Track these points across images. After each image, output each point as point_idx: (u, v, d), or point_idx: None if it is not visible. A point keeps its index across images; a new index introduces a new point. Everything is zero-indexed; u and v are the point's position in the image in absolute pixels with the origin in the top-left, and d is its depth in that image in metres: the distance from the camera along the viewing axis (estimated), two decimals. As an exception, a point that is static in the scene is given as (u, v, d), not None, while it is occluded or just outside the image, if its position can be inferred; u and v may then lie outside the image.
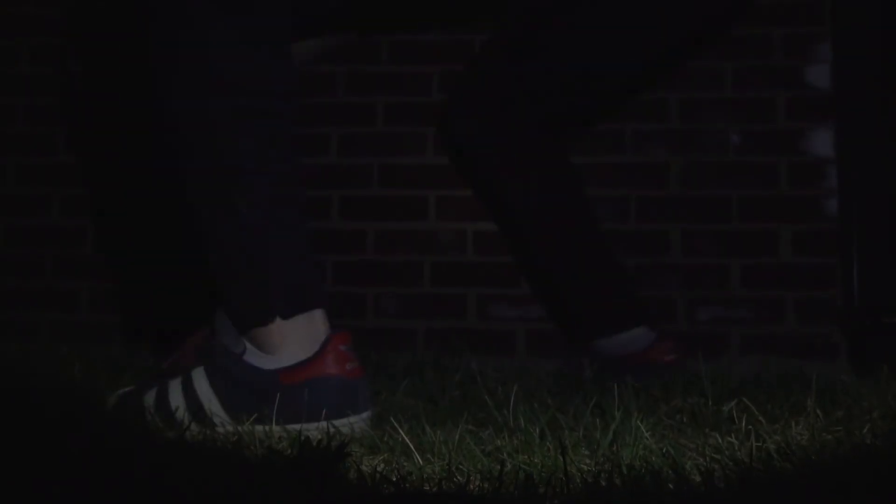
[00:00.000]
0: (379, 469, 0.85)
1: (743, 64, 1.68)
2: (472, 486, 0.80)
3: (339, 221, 1.74)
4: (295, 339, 1.04)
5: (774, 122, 1.67)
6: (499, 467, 0.82)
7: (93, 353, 1.47)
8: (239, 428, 1.01)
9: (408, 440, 0.91)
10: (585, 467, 0.85)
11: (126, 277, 1.77)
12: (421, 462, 0.86)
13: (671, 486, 0.77)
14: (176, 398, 1.05)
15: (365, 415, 1.05)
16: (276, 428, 1.01)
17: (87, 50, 1.81)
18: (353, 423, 1.03)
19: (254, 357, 1.05)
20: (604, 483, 0.77)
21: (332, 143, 1.75)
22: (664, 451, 0.87)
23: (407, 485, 0.80)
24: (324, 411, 1.02)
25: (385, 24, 1.44)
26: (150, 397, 1.07)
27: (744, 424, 0.95)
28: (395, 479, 0.81)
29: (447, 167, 1.71)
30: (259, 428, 1.01)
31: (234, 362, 1.05)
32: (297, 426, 1.01)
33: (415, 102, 1.74)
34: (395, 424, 0.97)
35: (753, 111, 1.68)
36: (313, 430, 1.00)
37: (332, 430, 1.00)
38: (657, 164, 1.69)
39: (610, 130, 1.69)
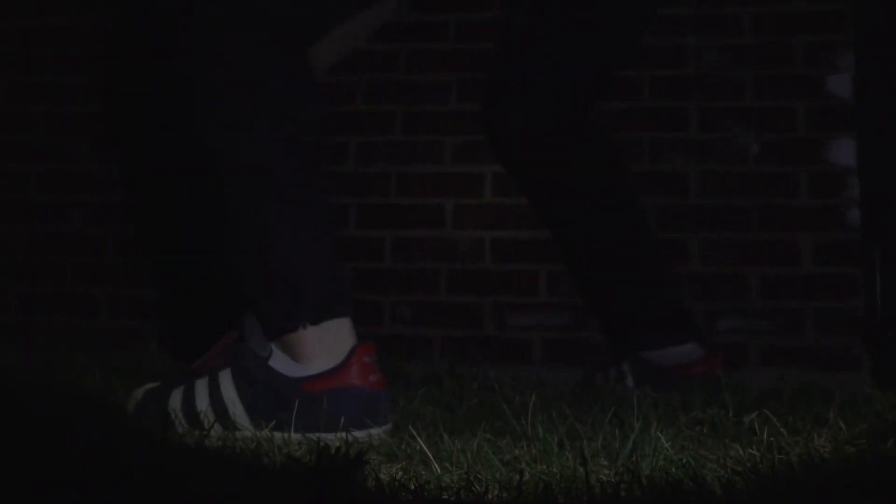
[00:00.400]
0: (397, 477, 0.85)
1: (763, 72, 1.67)
2: (490, 496, 0.79)
3: (356, 229, 1.74)
4: (322, 347, 1.04)
5: (795, 132, 1.66)
6: (517, 477, 0.81)
7: (113, 360, 1.48)
8: (259, 434, 1.01)
9: (426, 448, 0.90)
10: (604, 477, 0.84)
11: (149, 284, 1.77)
12: (439, 471, 0.86)
13: (691, 497, 0.76)
14: (202, 401, 1.06)
15: (385, 427, 1.04)
16: (296, 436, 1.01)
17: (109, 57, 1.83)
18: (373, 436, 1.03)
19: (279, 363, 1.06)
20: (623, 494, 0.77)
21: (349, 152, 1.76)
22: (684, 462, 0.86)
23: (425, 493, 0.79)
24: (343, 421, 1.02)
25: None
26: (176, 397, 1.08)
27: (765, 436, 0.94)
28: (413, 487, 0.81)
29: (464, 175, 1.71)
30: (279, 435, 1.01)
31: (259, 366, 1.05)
32: (316, 435, 1.01)
33: (433, 111, 1.74)
34: (413, 432, 0.97)
35: (774, 120, 1.67)
36: (333, 438, 1.00)
37: (350, 438, 0.99)
38: (676, 172, 1.68)
39: (628, 139, 1.68)
